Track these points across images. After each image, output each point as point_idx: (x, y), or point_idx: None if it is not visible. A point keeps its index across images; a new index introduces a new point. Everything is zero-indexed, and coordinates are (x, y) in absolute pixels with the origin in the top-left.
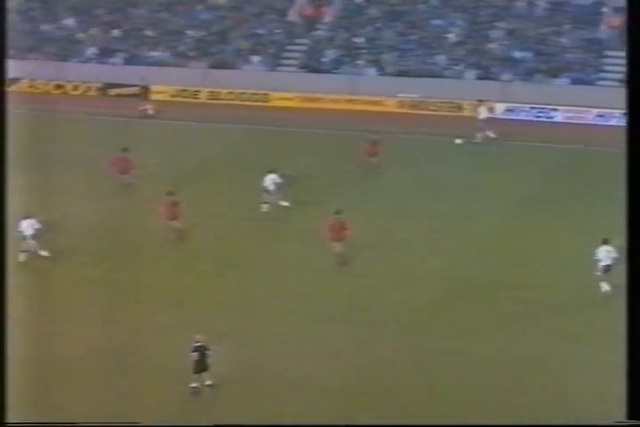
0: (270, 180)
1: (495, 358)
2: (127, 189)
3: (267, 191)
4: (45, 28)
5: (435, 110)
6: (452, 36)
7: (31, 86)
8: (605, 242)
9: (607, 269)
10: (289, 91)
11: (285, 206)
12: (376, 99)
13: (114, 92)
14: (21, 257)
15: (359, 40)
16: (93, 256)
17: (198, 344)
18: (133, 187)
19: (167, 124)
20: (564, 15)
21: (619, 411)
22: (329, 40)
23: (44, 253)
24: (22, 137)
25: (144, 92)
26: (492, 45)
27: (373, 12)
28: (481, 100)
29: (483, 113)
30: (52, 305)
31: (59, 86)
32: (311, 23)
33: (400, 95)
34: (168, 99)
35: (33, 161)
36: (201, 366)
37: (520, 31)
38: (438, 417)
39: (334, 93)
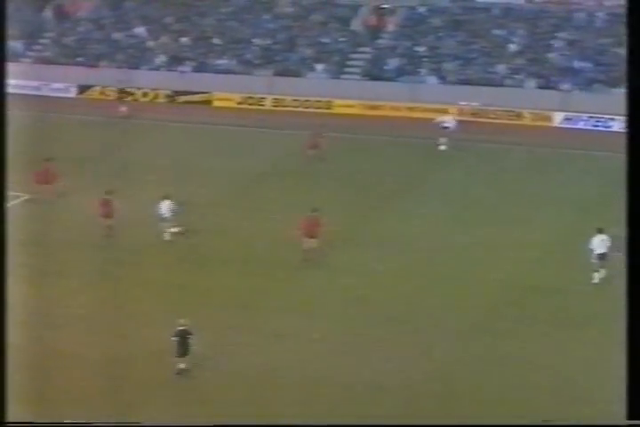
0: (165, 206)
1: (553, 362)
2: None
3: (162, 218)
4: (116, 36)
5: (494, 118)
6: (512, 46)
7: (102, 93)
8: (600, 231)
9: (602, 257)
10: (352, 98)
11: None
12: (437, 106)
13: (182, 99)
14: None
15: (421, 49)
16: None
17: (181, 328)
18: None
19: (234, 130)
20: (624, 26)
21: None
22: (391, 49)
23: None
24: (93, 142)
25: (209, 100)
26: (551, 55)
27: (435, 21)
28: (448, 111)
29: (448, 122)
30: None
31: (129, 93)
32: (374, 32)
33: (461, 103)
34: (234, 106)
35: (100, 165)
36: (183, 350)
37: (580, 42)
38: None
39: (396, 101)
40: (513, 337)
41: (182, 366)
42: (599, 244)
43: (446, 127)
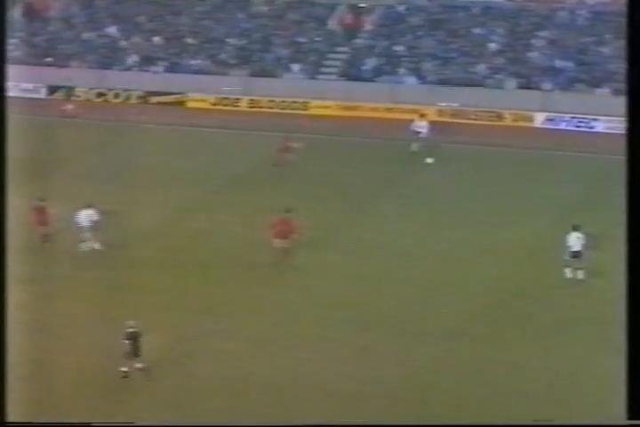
0: (85, 216)
1: (533, 367)
2: (164, 198)
3: (80, 228)
4: (87, 35)
5: (475, 119)
6: (492, 45)
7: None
8: (576, 228)
9: (576, 255)
10: (329, 99)
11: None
12: (415, 107)
13: (155, 100)
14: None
15: (399, 48)
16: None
17: (131, 330)
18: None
19: (208, 132)
20: (606, 25)
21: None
22: (369, 48)
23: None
24: (63, 145)
25: (183, 101)
26: (532, 54)
27: (414, 20)
28: (422, 115)
29: (420, 127)
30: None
31: (100, 94)
32: (351, 31)
33: (440, 104)
34: (208, 107)
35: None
36: (133, 352)
37: (561, 40)
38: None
39: (374, 102)
40: (495, 341)
41: (126, 368)
42: (575, 241)
43: (419, 132)
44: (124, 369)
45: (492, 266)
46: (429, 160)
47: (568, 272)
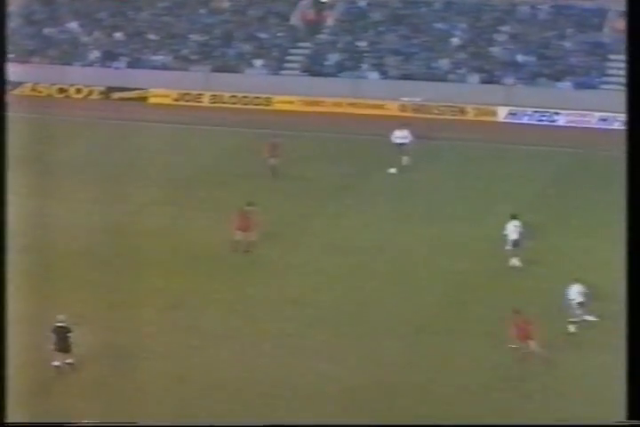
0: None
1: (495, 360)
2: (126, 194)
3: None
4: (48, 31)
5: (438, 114)
6: (455, 40)
7: (34, 90)
8: (514, 217)
9: (515, 243)
10: (292, 94)
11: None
12: (379, 102)
13: (116, 95)
14: None
15: (362, 44)
16: (94, 259)
17: (59, 325)
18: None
19: (170, 127)
20: (568, 19)
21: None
22: (331, 44)
23: None
24: (25, 141)
25: (145, 96)
26: (495, 49)
27: (376, 15)
28: (403, 124)
29: (402, 137)
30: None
31: (62, 90)
32: (314, 27)
33: (403, 99)
34: (170, 102)
35: (36, 165)
36: (61, 346)
37: (523, 35)
38: (439, 419)
39: (337, 97)
40: (459, 337)
41: (58, 363)
42: (513, 230)
43: (402, 144)
44: (55, 364)
45: (454, 260)
46: (392, 170)
47: (514, 261)
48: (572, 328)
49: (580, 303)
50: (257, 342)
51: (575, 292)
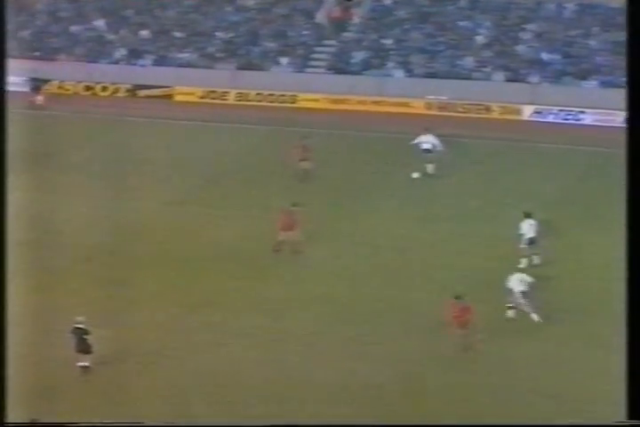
0: None
1: (512, 358)
2: (151, 192)
3: None
4: (75, 29)
5: (463, 112)
6: (480, 38)
7: (60, 88)
8: (528, 216)
9: (531, 241)
10: (317, 92)
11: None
12: (404, 100)
13: (142, 93)
14: None
15: (387, 42)
16: (116, 257)
17: (77, 326)
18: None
19: (196, 125)
20: (593, 17)
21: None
22: (357, 42)
23: None
24: (50, 138)
25: (170, 94)
26: (520, 47)
27: (402, 13)
28: (426, 129)
29: (427, 142)
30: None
31: (88, 88)
32: (339, 25)
33: (428, 97)
34: (196, 100)
35: (60, 162)
36: (81, 348)
37: (549, 33)
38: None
39: (362, 95)
40: (482, 334)
41: (83, 364)
42: (528, 228)
43: (427, 150)
44: (81, 364)
45: (479, 259)
46: (416, 175)
47: (524, 262)
48: (510, 313)
49: (522, 293)
50: (282, 341)
51: (516, 280)
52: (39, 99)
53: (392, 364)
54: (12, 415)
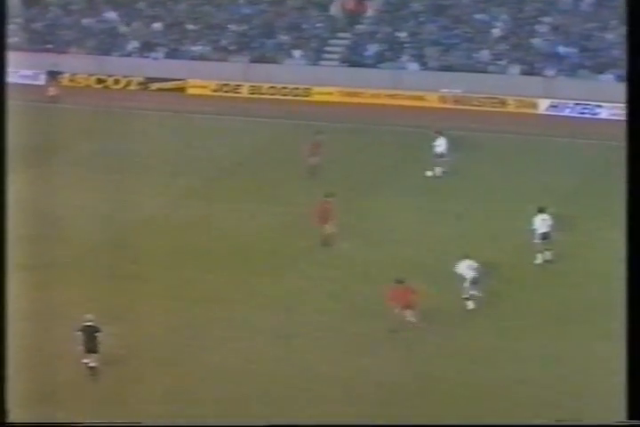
0: None
1: (526, 356)
2: (163, 185)
3: None
4: (87, 21)
5: (478, 106)
6: (496, 31)
7: (72, 80)
8: (541, 210)
9: (545, 236)
10: (330, 85)
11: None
12: (418, 94)
13: (155, 86)
14: None
15: (402, 34)
16: (128, 251)
17: (87, 324)
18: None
19: (209, 118)
20: (610, 11)
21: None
22: (371, 34)
23: None
24: (61, 131)
25: (183, 87)
26: (536, 40)
27: (416, 6)
28: (438, 132)
29: (439, 145)
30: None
31: (100, 80)
32: (353, 17)
33: (443, 90)
34: (209, 93)
35: (72, 156)
36: (89, 346)
37: (565, 26)
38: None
39: (376, 88)
40: (497, 332)
41: (91, 364)
42: (541, 223)
43: (440, 154)
44: (87, 363)
45: (492, 254)
46: (430, 173)
47: (540, 257)
48: (470, 305)
49: (472, 279)
50: (294, 336)
51: (465, 267)
52: (52, 91)
53: (404, 361)
54: (13, 415)
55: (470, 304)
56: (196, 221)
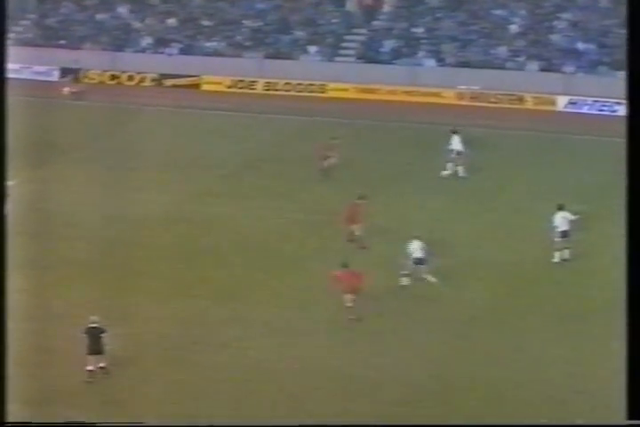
0: None
1: (554, 355)
2: (178, 182)
3: None
4: (100, 17)
5: (495, 102)
6: (514, 27)
7: (86, 77)
8: (561, 208)
9: (564, 234)
10: (346, 82)
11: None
12: (435, 90)
13: (169, 82)
14: None
15: (418, 30)
16: (144, 249)
17: (92, 326)
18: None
19: (223, 115)
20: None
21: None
22: (388, 30)
23: None
24: (75, 128)
25: (198, 83)
26: (554, 37)
27: (433, 1)
28: (454, 131)
29: (455, 144)
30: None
31: (114, 77)
32: (370, 13)
33: (460, 87)
34: (224, 89)
35: (86, 152)
36: (94, 348)
37: (584, 22)
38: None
39: (393, 85)
40: (514, 330)
41: (92, 366)
42: (561, 221)
43: (458, 152)
44: (89, 368)
45: (511, 252)
46: (446, 173)
47: (557, 256)
48: (404, 281)
49: (418, 259)
50: (309, 334)
51: (414, 248)
52: (73, 88)
53: (419, 359)
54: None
55: (404, 281)
56: (209, 219)
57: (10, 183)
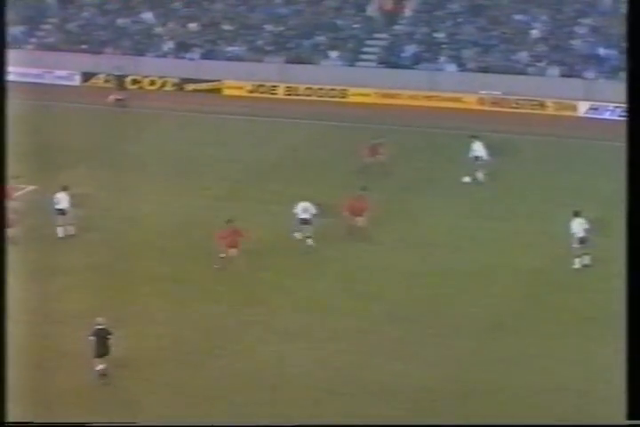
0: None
1: (572, 361)
2: (199, 188)
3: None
4: (122, 21)
5: (516, 108)
6: (535, 32)
7: (107, 81)
8: (577, 214)
9: (582, 240)
10: (367, 87)
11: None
12: (456, 95)
13: (190, 87)
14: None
15: (440, 35)
16: (164, 253)
17: (99, 328)
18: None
19: (244, 120)
20: None
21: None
22: (409, 35)
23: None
24: (97, 133)
25: (219, 88)
26: (576, 42)
27: (454, 6)
28: (474, 136)
29: (478, 150)
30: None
31: (135, 81)
32: (391, 18)
33: (481, 92)
34: (245, 94)
35: (107, 157)
36: (101, 350)
37: (605, 28)
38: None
39: (414, 90)
40: (534, 336)
41: (101, 367)
42: (578, 227)
43: (478, 157)
44: (99, 368)
45: (531, 258)
46: (467, 179)
47: (577, 262)
48: (309, 242)
49: (304, 220)
50: (328, 339)
51: (301, 208)
52: (119, 95)
53: (439, 365)
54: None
55: (309, 241)
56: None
57: (30, 188)
